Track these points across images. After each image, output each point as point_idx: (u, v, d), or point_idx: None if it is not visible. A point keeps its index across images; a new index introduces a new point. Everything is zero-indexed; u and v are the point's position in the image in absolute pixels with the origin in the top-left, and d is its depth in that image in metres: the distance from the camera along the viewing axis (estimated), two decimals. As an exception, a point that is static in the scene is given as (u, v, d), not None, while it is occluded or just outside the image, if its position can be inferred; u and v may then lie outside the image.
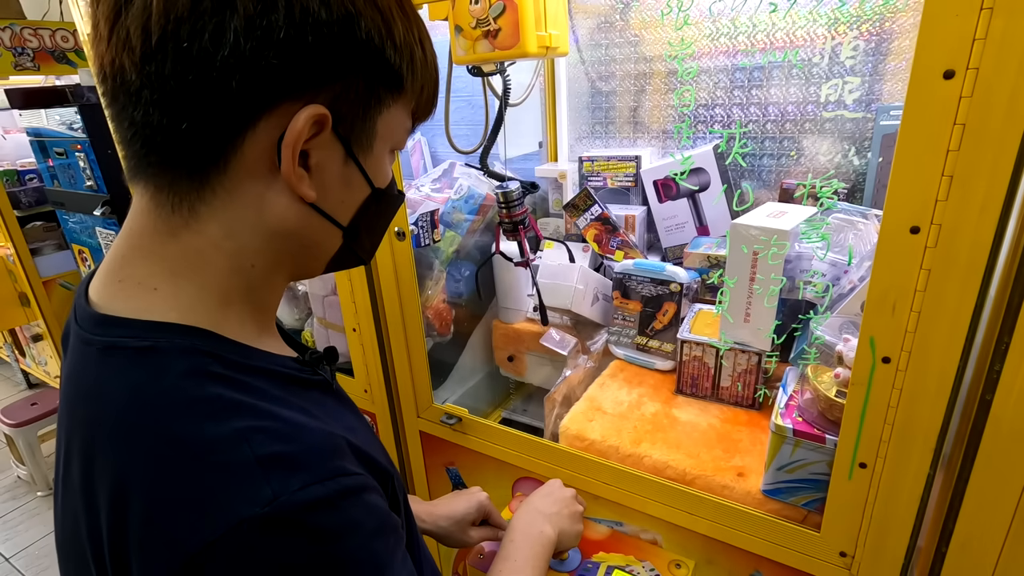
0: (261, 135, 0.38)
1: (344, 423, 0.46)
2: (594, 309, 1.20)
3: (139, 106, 0.36)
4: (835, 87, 1.01)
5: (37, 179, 2.80)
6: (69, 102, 2.14)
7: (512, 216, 1.06)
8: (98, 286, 0.42)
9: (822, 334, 0.77)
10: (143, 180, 0.40)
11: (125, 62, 0.36)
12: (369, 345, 1.16)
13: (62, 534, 0.42)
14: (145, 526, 0.34)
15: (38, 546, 2.19)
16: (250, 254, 0.42)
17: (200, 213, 0.40)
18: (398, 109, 0.44)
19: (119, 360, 0.38)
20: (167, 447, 0.34)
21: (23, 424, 2.38)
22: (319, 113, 0.38)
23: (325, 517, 0.35)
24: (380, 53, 0.40)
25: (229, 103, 0.36)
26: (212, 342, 0.39)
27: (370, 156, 0.44)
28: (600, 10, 1.20)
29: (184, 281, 0.40)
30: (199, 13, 0.34)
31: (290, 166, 0.39)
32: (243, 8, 0.34)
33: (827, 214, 0.86)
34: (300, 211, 0.42)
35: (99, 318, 0.40)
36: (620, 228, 1.16)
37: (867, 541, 0.71)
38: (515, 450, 1.05)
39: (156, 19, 0.34)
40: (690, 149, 1.17)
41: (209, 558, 0.32)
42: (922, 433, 0.63)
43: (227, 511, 0.33)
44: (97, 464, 0.36)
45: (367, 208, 0.46)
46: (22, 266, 2.50)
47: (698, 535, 0.87)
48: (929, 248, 0.56)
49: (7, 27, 2.35)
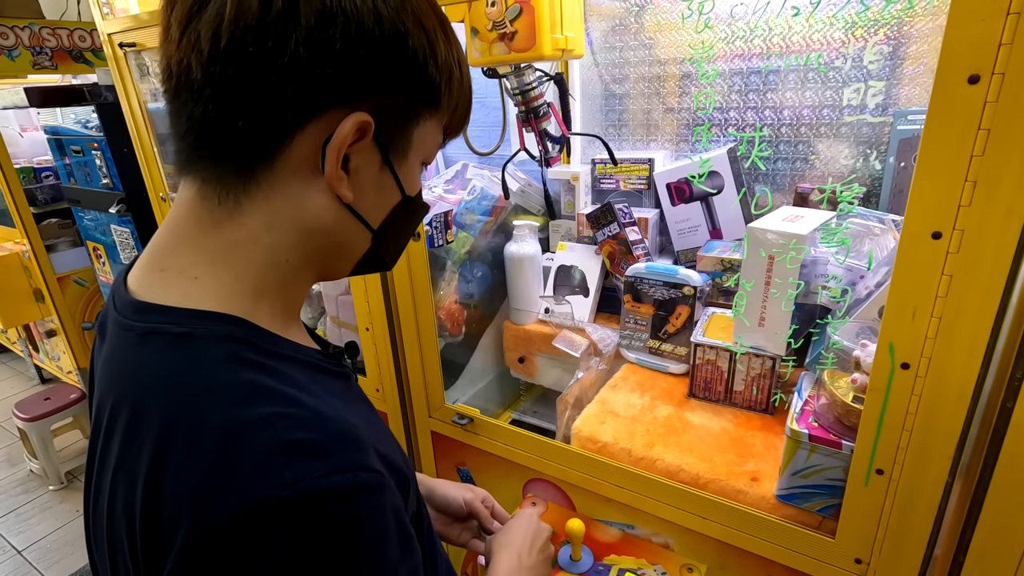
0: (308, 137, 0.41)
1: (365, 418, 0.47)
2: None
3: (200, 102, 0.39)
4: (857, 91, 1.00)
5: (53, 176, 2.84)
6: (86, 101, 2.16)
7: (527, 102, 1.01)
8: (139, 275, 0.44)
9: (839, 339, 0.77)
10: (192, 173, 0.43)
11: (192, 62, 0.39)
12: (382, 344, 1.16)
13: (95, 509, 0.44)
14: (174, 501, 0.35)
15: (51, 539, 2.22)
16: (285, 249, 0.44)
17: (244, 206, 0.42)
18: (433, 124, 0.47)
19: (158, 345, 0.40)
20: (199, 428, 0.36)
21: (36, 419, 2.40)
22: (364, 120, 0.41)
23: (340, 507, 0.36)
24: (423, 70, 0.43)
25: (283, 105, 0.39)
26: (246, 330, 0.41)
27: (404, 165, 0.47)
28: (615, 13, 1.20)
29: (222, 271, 0.42)
30: (266, 23, 0.37)
31: (333, 167, 0.42)
32: (306, 21, 0.38)
33: (844, 218, 0.85)
34: (336, 211, 0.44)
35: (138, 305, 0.42)
36: (634, 253, 1.16)
37: (883, 548, 0.71)
38: (527, 451, 1.05)
39: (227, 25, 0.37)
40: (705, 152, 1.17)
41: (229, 534, 0.34)
42: (941, 440, 0.62)
43: (249, 491, 0.34)
44: (135, 443, 0.38)
45: (396, 214, 0.48)
46: (37, 262, 2.53)
47: (711, 539, 0.87)
48: (951, 254, 0.56)
49: (26, 26, 2.38)
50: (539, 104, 1.02)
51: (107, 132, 2.04)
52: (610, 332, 1.18)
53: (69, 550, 2.16)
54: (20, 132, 3.21)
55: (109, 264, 2.43)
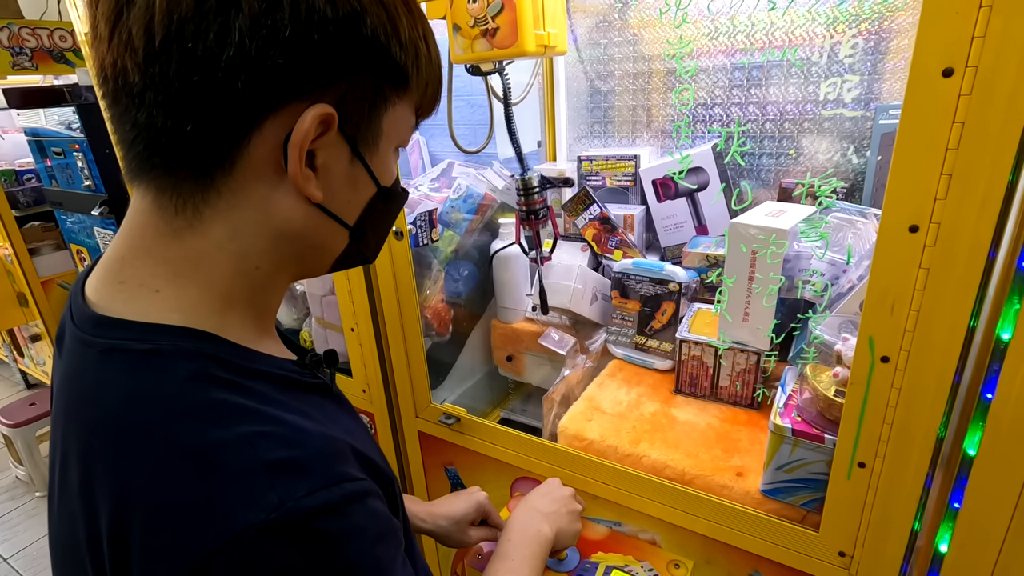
0: (268, 135, 0.38)
1: (344, 427, 0.45)
2: (593, 308, 1.19)
3: (142, 108, 0.36)
4: (834, 85, 1.01)
5: (35, 179, 2.80)
6: (67, 102, 2.13)
7: (529, 204, 1.06)
8: (96, 286, 0.41)
9: (821, 333, 0.77)
10: (145, 182, 0.39)
11: (127, 63, 0.35)
12: (367, 345, 1.15)
13: (57, 537, 0.42)
14: (148, 532, 0.33)
15: (37, 547, 2.19)
16: (255, 256, 0.41)
17: (204, 215, 0.39)
18: (403, 107, 0.44)
19: (120, 363, 0.37)
20: (171, 453, 0.34)
21: (21, 424, 2.37)
22: (326, 112, 0.38)
23: (330, 523, 0.35)
24: (386, 50, 0.39)
25: (235, 104, 0.36)
26: (215, 345, 0.39)
27: (376, 154, 0.44)
28: (599, 9, 1.19)
29: (187, 283, 0.40)
30: (203, 13, 0.34)
31: (297, 166, 0.38)
32: (248, 7, 0.34)
33: (826, 213, 0.85)
34: (306, 212, 0.41)
35: (99, 319, 0.39)
36: (619, 228, 1.16)
37: (866, 541, 0.71)
38: (514, 450, 1.04)
39: (159, 19, 0.34)
40: (689, 148, 1.17)
41: (215, 564, 0.32)
42: (921, 432, 0.63)
43: (233, 517, 0.32)
44: (97, 469, 0.36)
45: (373, 207, 0.46)
46: (20, 266, 2.50)
47: (697, 535, 0.87)
48: (928, 247, 0.56)
49: (5, 27, 2.35)
50: (539, 207, 1.06)
51: (88, 133, 2.02)
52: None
53: (56, 557, 2.14)
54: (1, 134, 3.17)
55: (93, 267, 2.40)
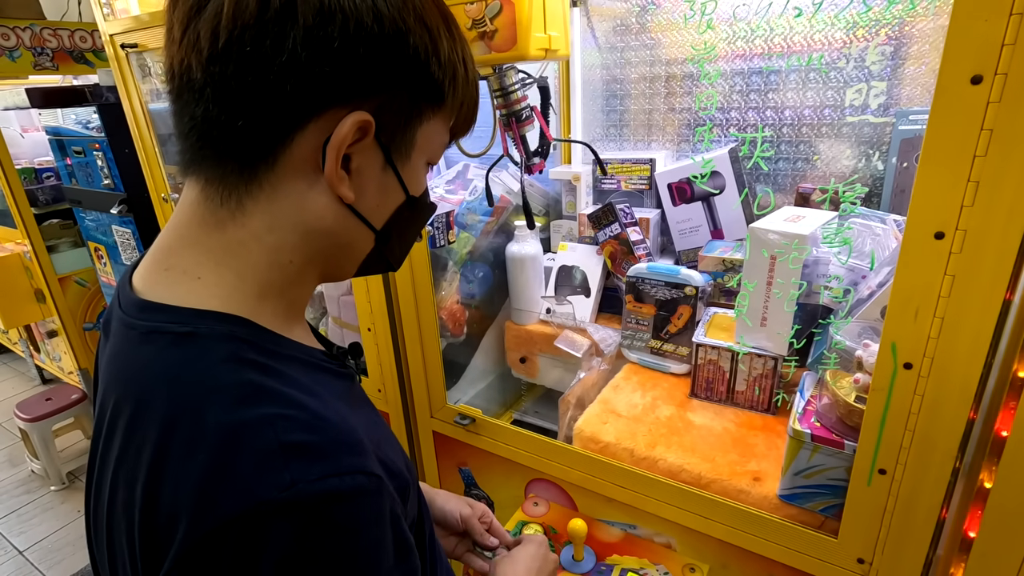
0: (309, 136, 0.41)
1: (367, 420, 0.47)
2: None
3: (201, 103, 0.39)
4: (859, 91, 1.00)
5: (54, 177, 2.84)
6: (88, 102, 2.16)
7: (509, 105, 0.94)
8: (143, 274, 0.44)
9: (841, 339, 0.77)
10: (196, 173, 0.43)
11: (193, 62, 0.39)
12: (384, 345, 1.16)
13: (95, 508, 0.44)
14: (173, 500, 0.35)
15: (52, 539, 2.22)
16: (288, 250, 0.44)
17: (246, 207, 0.42)
18: (438, 123, 0.47)
19: (160, 344, 0.40)
20: (200, 427, 0.36)
21: (38, 419, 2.40)
22: (364, 120, 0.41)
23: (338, 510, 0.36)
24: (425, 68, 0.43)
25: (283, 104, 0.39)
26: (248, 329, 0.41)
27: (407, 165, 0.46)
28: (616, 13, 1.20)
29: (226, 271, 0.42)
30: (264, 22, 0.37)
31: (333, 167, 0.41)
32: (303, 20, 0.37)
33: (846, 219, 0.85)
34: (338, 211, 0.44)
35: (143, 304, 0.42)
36: (635, 253, 1.16)
37: (885, 548, 0.71)
38: (529, 451, 1.05)
39: (225, 24, 0.37)
40: (707, 152, 1.17)
41: (225, 535, 0.34)
42: (943, 440, 0.62)
43: (247, 493, 0.34)
44: (137, 441, 0.38)
45: (400, 214, 0.48)
46: (38, 263, 2.53)
47: (713, 539, 0.87)
48: (954, 254, 0.56)
49: (27, 27, 2.38)
50: (521, 108, 0.96)
51: (108, 133, 2.04)
52: (612, 332, 1.18)
53: (71, 550, 2.16)
54: (21, 133, 3.21)
55: (110, 265, 2.43)
